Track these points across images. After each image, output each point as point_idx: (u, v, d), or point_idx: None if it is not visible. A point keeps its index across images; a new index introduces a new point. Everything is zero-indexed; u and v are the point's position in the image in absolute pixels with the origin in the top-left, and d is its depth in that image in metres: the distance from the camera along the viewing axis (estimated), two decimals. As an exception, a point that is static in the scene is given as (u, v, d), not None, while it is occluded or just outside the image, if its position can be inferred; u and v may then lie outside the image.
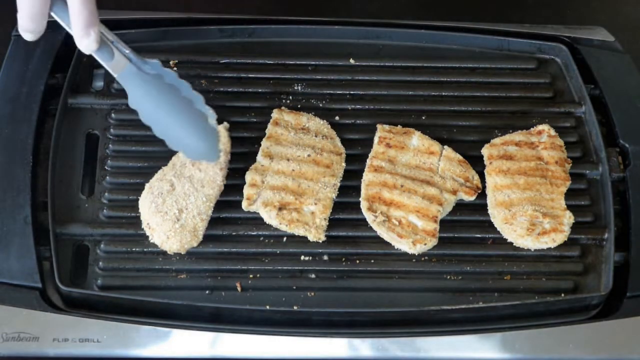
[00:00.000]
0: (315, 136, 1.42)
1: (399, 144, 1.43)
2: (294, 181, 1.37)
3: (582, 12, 1.89)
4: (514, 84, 1.58)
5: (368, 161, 1.42)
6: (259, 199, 1.35)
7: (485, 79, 1.58)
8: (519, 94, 1.56)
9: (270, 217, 1.35)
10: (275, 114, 1.45)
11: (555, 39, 1.62)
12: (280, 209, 1.34)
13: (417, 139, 1.44)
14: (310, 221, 1.35)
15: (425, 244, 1.34)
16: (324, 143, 1.42)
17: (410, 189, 1.38)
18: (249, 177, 1.38)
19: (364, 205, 1.37)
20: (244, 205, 1.36)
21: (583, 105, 1.54)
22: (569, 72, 1.59)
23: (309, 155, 1.40)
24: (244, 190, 1.37)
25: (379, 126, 1.45)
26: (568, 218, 1.37)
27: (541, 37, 1.62)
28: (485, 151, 1.45)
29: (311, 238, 1.34)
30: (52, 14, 1.28)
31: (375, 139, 1.44)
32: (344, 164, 1.42)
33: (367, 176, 1.40)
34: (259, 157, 1.41)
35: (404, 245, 1.34)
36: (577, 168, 1.46)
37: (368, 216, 1.36)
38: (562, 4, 1.89)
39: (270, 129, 1.44)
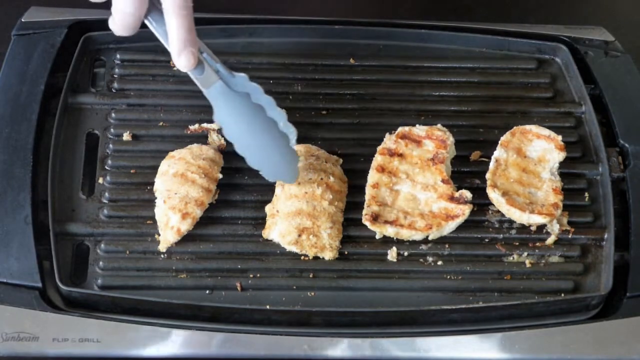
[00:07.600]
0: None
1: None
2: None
3: (582, 12, 1.89)
4: (514, 84, 1.58)
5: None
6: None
7: (485, 79, 1.58)
8: (519, 94, 1.56)
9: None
10: None
11: (555, 39, 1.62)
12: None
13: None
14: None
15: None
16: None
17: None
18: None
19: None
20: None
21: (583, 105, 1.54)
22: (569, 72, 1.59)
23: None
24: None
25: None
26: None
27: (541, 37, 1.62)
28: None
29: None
30: (147, 23, 1.26)
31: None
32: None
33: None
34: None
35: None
36: (577, 168, 1.46)
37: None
38: (562, 4, 1.89)
39: None
